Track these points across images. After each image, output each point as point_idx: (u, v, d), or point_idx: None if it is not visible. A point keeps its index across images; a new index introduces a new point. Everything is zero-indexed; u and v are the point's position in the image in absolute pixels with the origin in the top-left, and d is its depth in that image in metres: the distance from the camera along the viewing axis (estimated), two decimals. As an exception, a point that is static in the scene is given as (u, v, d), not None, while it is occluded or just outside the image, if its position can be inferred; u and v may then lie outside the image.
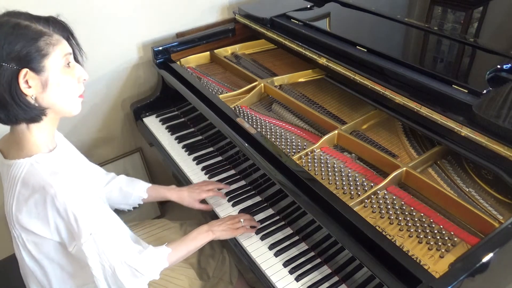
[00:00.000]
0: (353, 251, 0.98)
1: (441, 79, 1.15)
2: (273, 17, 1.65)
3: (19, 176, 0.92)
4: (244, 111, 1.48)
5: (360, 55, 1.32)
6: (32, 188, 0.90)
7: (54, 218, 0.92)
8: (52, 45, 0.89)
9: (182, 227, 1.44)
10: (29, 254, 1.00)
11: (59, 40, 0.91)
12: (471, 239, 0.99)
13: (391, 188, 1.14)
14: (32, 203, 0.91)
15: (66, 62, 0.92)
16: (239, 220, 1.22)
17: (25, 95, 0.88)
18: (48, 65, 0.88)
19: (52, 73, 0.89)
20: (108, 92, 1.81)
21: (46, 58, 0.88)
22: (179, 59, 1.76)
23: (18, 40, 0.84)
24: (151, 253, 1.06)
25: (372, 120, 1.39)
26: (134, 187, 1.33)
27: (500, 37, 1.38)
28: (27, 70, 0.86)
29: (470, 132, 1.03)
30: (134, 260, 1.00)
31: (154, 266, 1.06)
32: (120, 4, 1.64)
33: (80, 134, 1.82)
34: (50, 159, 0.95)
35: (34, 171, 0.91)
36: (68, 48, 0.94)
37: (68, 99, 0.95)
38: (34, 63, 0.86)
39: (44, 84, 0.89)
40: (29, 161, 0.92)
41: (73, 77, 0.95)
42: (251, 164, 1.34)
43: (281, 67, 1.74)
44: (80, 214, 0.91)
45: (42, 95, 0.90)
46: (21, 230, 0.96)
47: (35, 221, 0.93)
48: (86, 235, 0.93)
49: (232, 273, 1.42)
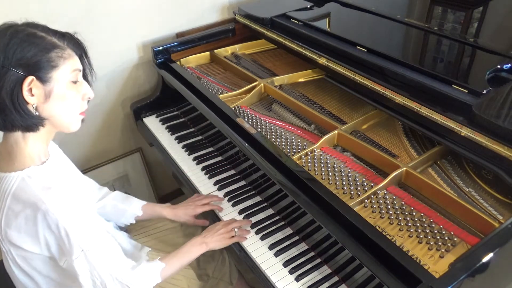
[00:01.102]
0: (353, 251, 0.98)
1: (441, 79, 1.15)
2: (273, 17, 1.65)
3: (10, 190, 0.89)
4: (244, 111, 1.48)
5: (360, 55, 1.32)
6: (23, 203, 0.88)
7: (44, 234, 0.90)
8: (63, 59, 0.89)
9: (182, 227, 1.44)
10: (19, 268, 0.98)
11: (71, 55, 0.91)
12: (471, 239, 0.99)
13: (391, 188, 1.14)
14: (22, 219, 0.89)
15: (74, 78, 0.92)
16: (232, 228, 1.21)
17: (26, 103, 0.87)
18: (55, 76, 0.88)
19: (57, 86, 0.89)
20: (108, 92, 1.81)
21: (55, 70, 0.88)
22: (179, 59, 1.76)
23: (30, 48, 0.85)
24: (144, 269, 1.05)
25: (372, 120, 1.39)
26: (130, 204, 1.31)
27: (500, 37, 1.38)
28: (33, 78, 0.85)
29: (470, 132, 1.03)
30: (126, 277, 0.99)
31: (146, 281, 1.05)
32: (120, 4, 1.64)
33: (80, 134, 1.81)
34: (42, 172, 0.92)
35: (25, 186, 0.89)
36: (78, 64, 0.94)
37: (68, 113, 0.94)
38: (41, 72, 0.86)
39: (47, 94, 0.88)
40: (21, 175, 0.90)
41: (78, 93, 0.94)
42: (251, 164, 1.34)
43: (281, 67, 1.74)
44: (72, 230, 0.89)
45: (44, 105, 0.89)
46: (10, 245, 0.94)
47: (24, 237, 0.91)
48: (78, 252, 0.91)
49: (232, 274, 1.41)
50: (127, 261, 1.04)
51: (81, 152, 1.87)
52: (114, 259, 1.00)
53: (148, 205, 1.34)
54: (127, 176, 2.03)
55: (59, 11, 1.53)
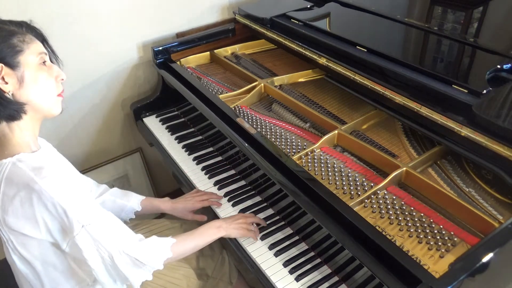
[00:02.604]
0: (353, 251, 0.98)
1: (441, 79, 1.15)
2: (273, 17, 1.65)
3: (2, 176, 0.90)
4: (244, 111, 1.48)
5: (360, 55, 1.32)
6: (16, 186, 0.89)
7: (42, 215, 0.90)
8: (26, 43, 0.92)
9: (182, 227, 1.44)
10: (20, 257, 0.97)
11: (33, 39, 0.95)
12: (471, 239, 0.99)
13: (391, 188, 1.14)
14: (18, 202, 0.89)
15: (41, 61, 0.95)
16: (252, 222, 1.21)
17: (2, 91, 0.89)
18: (22, 61, 0.91)
19: (27, 69, 0.92)
20: (108, 92, 1.81)
21: (21, 54, 0.91)
22: (179, 59, 1.76)
23: None
24: (153, 242, 1.04)
25: (372, 120, 1.39)
26: (129, 200, 1.32)
27: (500, 37, 1.37)
28: (2, 65, 0.88)
29: (470, 132, 1.03)
30: (134, 249, 0.97)
31: (156, 255, 1.02)
32: (121, 4, 1.64)
33: (80, 134, 1.82)
34: (33, 157, 0.93)
35: (16, 169, 0.90)
36: (42, 48, 0.97)
37: (45, 96, 0.96)
38: (8, 58, 0.89)
39: (20, 79, 0.91)
40: (11, 160, 0.91)
41: (51, 76, 0.97)
42: (251, 164, 1.34)
43: (281, 67, 1.74)
44: (69, 206, 0.89)
45: (20, 92, 0.92)
46: (10, 233, 0.94)
47: (23, 222, 0.91)
48: (78, 227, 0.91)
49: (232, 274, 1.42)
50: (134, 234, 1.02)
51: (81, 152, 1.87)
52: (118, 231, 0.98)
53: (147, 200, 1.35)
54: (127, 176, 2.03)
55: (59, 11, 1.53)
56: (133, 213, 1.33)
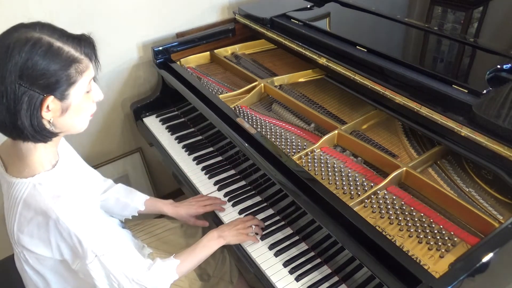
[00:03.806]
0: (353, 251, 0.98)
1: (441, 79, 1.15)
2: (273, 17, 1.65)
3: (21, 197, 0.89)
4: (244, 111, 1.48)
5: (360, 55, 1.32)
6: (34, 211, 0.89)
7: (56, 241, 0.91)
8: (81, 73, 0.87)
9: (182, 227, 1.44)
10: (32, 268, 0.99)
11: (88, 66, 0.90)
12: (471, 239, 0.99)
13: (391, 188, 1.14)
14: (34, 225, 0.90)
15: (89, 88, 0.91)
16: (250, 226, 1.21)
17: (42, 119, 0.86)
18: (72, 92, 0.87)
19: (74, 100, 0.89)
20: (108, 92, 1.80)
21: (73, 86, 0.87)
22: (179, 59, 1.76)
23: (49, 66, 0.81)
24: (159, 267, 1.05)
25: (372, 120, 1.39)
26: (133, 199, 1.32)
27: (500, 37, 1.37)
28: (53, 97, 0.84)
29: (470, 132, 1.03)
30: (143, 277, 1.00)
31: (163, 280, 1.06)
32: (121, 4, 1.64)
33: (80, 134, 1.81)
34: (52, 178, 0.92)
35: (36, 194, 0.88)
36: (92, 72, 0.92)
37: (81, 121, 0.95)
38: (60, 91, 0.85)
39: (64, 110, 0.88)
40: (32, 182, 0.89)
41: (91, 100, 0.94)
42: (251, 164, 1.34)
43: (281, 67, 1.74)
44: (84, 236, 0.90)
45: (59, 119, 0.89)
46: (23, 249, 0.95)
47: (37, 242, 0.92)
48: (91, 257, 0.92)
49: (232, 273, 1.42)
50: (143, 261, 1.04)
51: (81, 152, 1.84)
52: (129, 261, 1.00)
53: (150, 200, 1.35)
54: (127, 176, 2.03)
55: (58, 11, 1.53)
56: (136, 212, 1.33)
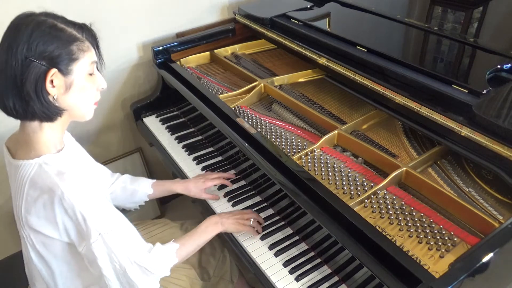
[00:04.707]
0: (353, 251, 0.98)
1: (441, 79, 1.15)
2: (273, 17, 1.65)
3: (28, 177, 0.92)
4: (244, 111, 1.48)
5: (360, 55, 1.32)
6: (40, 189, 0.91)
7: (62, 219, 0.93)
8: (83, 51, 0.92)
9: (182, 227, 1.44)
10: (38, 254, 1.01)
11: (89, 48, 0.95)
12: (471, 239, 0.99)
13: (391, 188, 1.14)
14: (40, 204, 0.92)
15: (91, 70, 0.96)
16: (248, 218, 1.22)
17: (48, 93, 0.90)
18: (75, 69, 0.92)
19: (77, 78, 0.93)
20: (108, 92, 1.80)
21: (76, 62, 0.91)
22: (179, 59, 1.76)
23: (53, 41, 0.88)
24: (160, 251, 1.07)
25: (372, 120, 1.39)
26: (140, 184, 1.34)
27: (500, 37, 1.38)
28: (56, 70, 0.88)
29: (470, 132, 1.03)
30: (144, 259, 1.01)
31: (164, 263, 1.08)
32: (120, 4, 1.64)
33: (80, 134, 1.82)
34: (58, 159, 0.95)
35: (42, 172, 0.92)
36: (95, 56, 0.97)
37: (85, 104, 0.98)
38: (63, 65, 0.89)
39: (68, 86, 0.92)
40: (38, 162, 0.93)
41: (94, 84, 0.98)
42: (251, 164, 1.34)
43: (281, 67, 1.74)
44: (88, 214, 0.92)
45: (63, 96, 0.93)
46: (30, 231, 0.97)
47: (44, 222, 0.94)
48: (95, 235, 0.93)
49: (233, 272, 1.42)
50: (144, 244, 1.06)
51: (81, 152, 1.87)
52: (132, 242, 1.01)
53: (158, 182, 1.37)
54: (127, 176, 2.03)
55: (58, 11, 1.52)
56: (147, 196, 1.35)
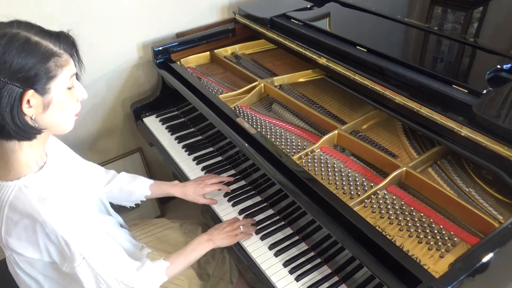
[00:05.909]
0: (353, 251, 0.98)
1: (441, 79, 1.15)
2: (273, 17, 1.65)
3: (7, 200, 0.88)
4: (244, 111, 1.48)
5: (360, 55, 1.32)
6: (20, 213, 0.87)
7: (44, 243, 0.90)
8: (61, 67, 0.86)
9: (182, 226, 1.44)
10: (23, 271, 0.98)
11: (68, 61, 0.88)
12: (471, 239, 0.99)
13: (391, 188, 1.14)
14: (21, 228, 0.88)
15: (70, 84, 0.90)
16: (238, 226, 1.21)
17: (24, 115, 0.84)
18: (53, 87, 0.85)
19: (56, 95, 0.87)
20: (108, 92, 1.81)
21: (53, 80, 0.85)
22: (179, 59, 1.76)
23: (27, 59, 0.80)
24: (149, 269, 1.05)
25: (372, 120, 1.39)
26: (137, 185, 1.32)
27: (500, 37, 1.37)
28: (32, 91, 0.82)
29: (470, 132, 1.03)
30: (132, 278, 1.00)
31: (152, 281, 1.06)
32: (120, 4, 1.64)
33: (80, 134, 1.82)
34: (39, 180, 0.90)
35: (21, 196, 0.87)
36: (73, 68, 0.91)
37: (66, 119, 0.92)
38: (40, 84, 0.83)
39: (46, 105, 0.86)
40: (17, 184, 0.88)
41: (74, 97, 0.92)
42: (251, 164, 1.34)
43: (281, 67, 1.74)
44: (71, 239, 0.89)
45: (42, 115, 0.87)
46: (12, 252, 0.93)
47: (26, 245, 0.91)
48: (79, 259, 0.91)
49: (232, 273, 1.42)
50: (131, 262, 1.03)
51: (81, 152, 1.85)
52: (118, 262, 0.99)
53: (156, 184, 1.35)
54: (127, 176, 2.03)
55: (58, 11, 1.53)
56: (144, 197, 1.33)
